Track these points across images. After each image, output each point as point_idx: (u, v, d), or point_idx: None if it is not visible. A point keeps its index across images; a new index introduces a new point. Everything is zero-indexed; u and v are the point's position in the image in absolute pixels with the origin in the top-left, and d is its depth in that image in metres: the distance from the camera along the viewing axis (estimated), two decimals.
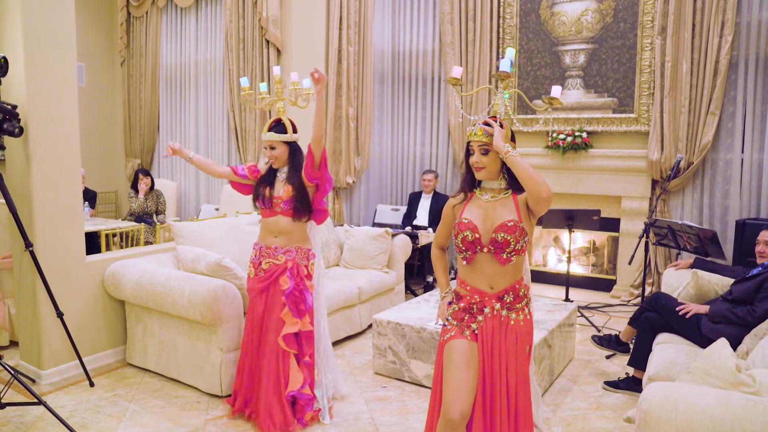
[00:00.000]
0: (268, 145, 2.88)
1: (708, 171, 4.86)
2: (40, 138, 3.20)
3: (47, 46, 3.22)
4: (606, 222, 5.27)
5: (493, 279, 2.00)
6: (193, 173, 6.60)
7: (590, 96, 5.36)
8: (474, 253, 1.99)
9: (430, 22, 6.02)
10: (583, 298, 5.27)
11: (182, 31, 6.54)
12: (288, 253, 2.88)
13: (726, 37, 4.57)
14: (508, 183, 2.03)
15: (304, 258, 2.92)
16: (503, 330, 1.98)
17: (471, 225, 1.97)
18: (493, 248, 1.96)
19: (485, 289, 2.00)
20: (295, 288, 2.85)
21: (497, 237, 1.94)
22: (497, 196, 2.02)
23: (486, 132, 1.96)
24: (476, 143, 1.99)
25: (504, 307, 1.99)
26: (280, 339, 2.80)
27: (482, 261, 1.99)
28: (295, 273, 2.86)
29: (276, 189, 2.90)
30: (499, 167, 2.01)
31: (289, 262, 2.87)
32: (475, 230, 1.96)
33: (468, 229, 1.97)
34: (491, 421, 1.96)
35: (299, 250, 2.91)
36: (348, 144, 5.79)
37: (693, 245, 3.99)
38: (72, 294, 3.42)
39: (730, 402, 1.72)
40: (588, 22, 5.31)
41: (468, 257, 2.01)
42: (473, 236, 1.96)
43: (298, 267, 2.88)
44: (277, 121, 2.89)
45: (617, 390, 3.33)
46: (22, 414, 2.94)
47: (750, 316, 2.91)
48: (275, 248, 2.89)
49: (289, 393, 2.79)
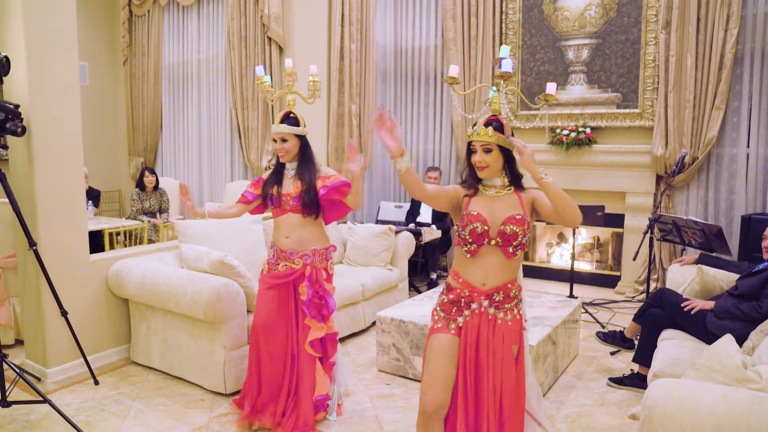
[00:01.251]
0: (279, 138, 2.76)
1: (713, 166, 4.83)
2: (42, 137, 3.21)
3: (49, 45, 3.22)
4: (610, 218, 5.25)
5: (490, 274, 1.99)
6: (197, 171, 6.60)
7: (594, 91, 5.33)
8: (480, 245, 1.99)
9: (432, 18, 6.00)
10: (587, 294, 5.25)
11: (184, 29, 6.54)
12: (305, 257, 2.78)
13: (731, 30, 4.53)
14: (510, 180, 2.04)
15: (323, 259, 2.82)
16: (490, 328, 1.98)
17: (481, 217, 1.98)
18: (501, 240, 1.97)
19: (477, 285, 2.00)
20: (314, 296, 2.77)
21: (506, 229, 1.95)
22: (501, 192, 2.04)
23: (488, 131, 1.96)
24: (479, 143, 1.99)
25: (492, 305, 2.00)
26: (307, 345, 2.75)
27: (486, 254, 1.99)
28: (313, 280, 2.77)
29: (285, 186, 2.81)
30: (501, 165, 2.02)
31: (308, 268, 2.77)
32: (485, 222, 1.97)
33: (478, 221, 1.97)
34: (476, 418, 1.97)
35: (316, 253, 2.80)
36: None
37: (698, 241, 3.97)
38: (76, 293, 3.43)
39: (736, 398, 1.70)
40: (591, 17, 5.27)
41: (473, 250, 2.00)
42: (482, 228, 1.96)
43: (317, 272, 2.79)
44: (288, 113, 2.80)
45: (622, 386, 3.32)
46: (27, 412, 2.95)
47: (756, 312, 2.89)
48: (290, 252, 2.78)
49: (317, 397, 2.75)
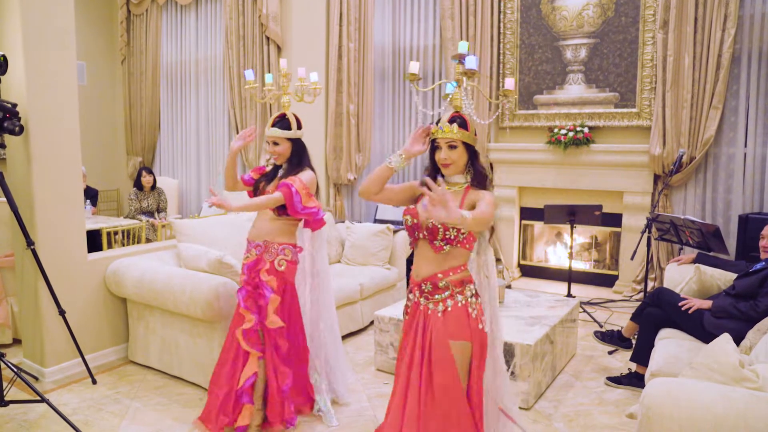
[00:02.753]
0: (271, 141, 2.76)
1: (711, 165, 4.84)
2: (40, 136, 3.20)
3: (47, 44, 3.21)
4: (608, 217, 5.26)
5: (422, 266, 2.06)
6: (194, 171, 6.59)
7: (592, 91, 5.34)
8: (415, 238, 2.08)
9: (430, 18, 5.99)
10: (585, 293, 5.26)
11: (182, 28, 6.52)
12: (258, 248, 2.77)
13: (729, 30, 4.54)
14: (472, 177, 2.07)
15: (273, 253, 2.74)
16: (423, 318, 2.05)
17: (413, 211, 2.06)
18: (427, 234, 2.02)
19: (413, 275, 2.10)
20: (248, 283, 2.72)
21: (428, 223, 2.00)
22: (453, 188, 2.08)
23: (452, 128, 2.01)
24: (443, 140, 2.03)
25: (422, 296, 2.06)
26: (240, 335, 2.65)
27: (421, 246, 2.07)
28: (252, 267, 2.73)
29: (271, 185, 2.80)
30: (465, 162, 2.06)
31: (251, 259, 2.76)
32: (415, 215, 2.04)
33: (409, 213, 2.07)
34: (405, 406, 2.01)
35: (268, 245, 2.75)
36: (349, 140, 5.78)
37: (696, 240, 3.98)
38: (74, 292, 3.43)
39: (733, 397, 1.71)
40: (589, 17, 5.28)
41: (411, 242, 2.12)
42: (413, 221, 2.05)
43: (258, 261, 2.74)
44: (282, 116, 2.78)
45: (619, 386, 3.33)
46: (25, 411, 2.95)
47: (753, 311, 2.90)
48: (249, 241, 2.83)
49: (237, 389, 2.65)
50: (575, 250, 5.68)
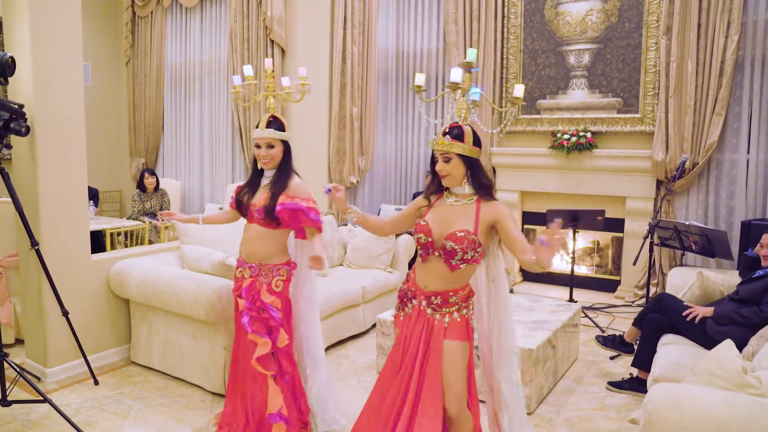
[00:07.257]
0: (265, 143, 2.54)
1: (713, 171, 4.84)
2: (46, 137, 3.22)
3: (54, 46, 3.23)
4: (610, 222, 5.26)
5: (433, 280, 2.06)
6: (198, 172, 6.61)
7: (595, 96, 5.35)
8: (427, 254, 2.07)
9: (434, 22, 6.01)
10: (587, 298, 5.26)
11: (187, 30, 6.55)
12: (252, 269, 2.59)
13: (732, 37, 4.55)
14: (474, 189, 2.06)
15: (269, 275, 2.59)
16: (428, 324, 2.06)
17: (426, 228, 2.05)
18: (443, 254, 2.01)
19: (420, 286, 2.10)
20: (251, 308, 2.55)
21: (446, 245, 1.99)
22: (461, 200, 2.06)
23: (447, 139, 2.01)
24: (438, 152, 2.03)
25: (429, 306, 2.07)
26: (254, 361, 2.52)
27: (433, 261, 2.06)
28: (251, 290, 2.57)
29: (256, 195, 2.61)
30: (463, 173, 2.04)
31: (246, 281, 2.59)
32: (429, 234, 2.04)
33: (422, 232, 2.05)
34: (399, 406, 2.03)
35: (262, 267, 2.58)
36: (352, 144, 5.79)
37: (699, 246, 3.98)
38: (77, 292, 3.44)
39: (736, 404, 1.71)
40: (593, 22, 5.29)
41: (423, 256, 2.10)
42: (426, 239, 2.04)
43: (254, 282, 2.58)
44: (275, 117, 2.60)
45: (621, 391, 3.32)
46: (27, 411, 2.95)
47: (756, 316, 2.90)
48: (241, 261, 2.65)
49: (268, 415, 2.53)
50: (577, 255, 5.68)
